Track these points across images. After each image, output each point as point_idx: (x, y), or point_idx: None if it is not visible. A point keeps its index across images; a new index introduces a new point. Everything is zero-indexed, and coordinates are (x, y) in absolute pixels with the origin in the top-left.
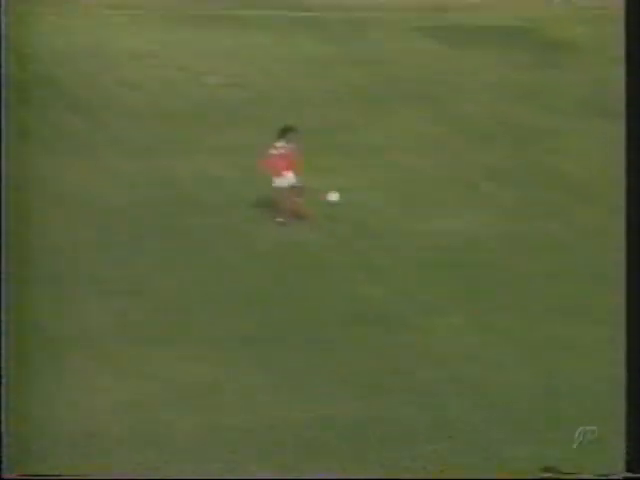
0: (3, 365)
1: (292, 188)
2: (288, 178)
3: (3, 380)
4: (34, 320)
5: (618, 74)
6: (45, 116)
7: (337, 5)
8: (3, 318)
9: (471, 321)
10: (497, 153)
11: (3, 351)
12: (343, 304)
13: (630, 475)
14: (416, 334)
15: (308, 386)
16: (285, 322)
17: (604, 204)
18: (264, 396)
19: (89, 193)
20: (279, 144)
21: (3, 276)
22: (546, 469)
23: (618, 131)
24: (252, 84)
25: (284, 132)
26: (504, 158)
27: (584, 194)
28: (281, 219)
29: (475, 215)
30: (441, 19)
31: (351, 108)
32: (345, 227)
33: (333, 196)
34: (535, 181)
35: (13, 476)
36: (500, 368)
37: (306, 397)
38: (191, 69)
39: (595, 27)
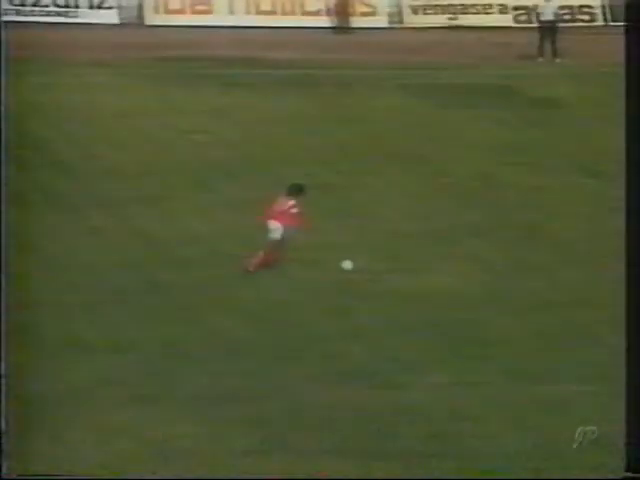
0: None
1: (280, 241)
2: (280, 231)
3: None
4: (20, 381)
5: (602, 132)
6: (29, 175)
7: (321, 63)
8: None
9: (455, 379)
10: (482, 211)
11: None
12: (324, 361)
13: (630, 475)
14: (398, 391)
15: (295, 446)
16: (266, 379)
17: (589, 263)
18: (249, 455)
19: (72, 252)
20: (286, 200)
21: None
22: None
23: (603, 189)
24: (237, 142)
25: (294, 191)
26: (489, 216)
27: (569, 252)
28: (251, 269)
29: (459, 273)
30: (426, 77)
31: (335, 166)
32: (327, 284)
33: (347, 264)
34: (520, 239)
35: (13, 476)
36: (484, 426)
37: (293, 458)
38: (176, 127)
39: (578, 85)
